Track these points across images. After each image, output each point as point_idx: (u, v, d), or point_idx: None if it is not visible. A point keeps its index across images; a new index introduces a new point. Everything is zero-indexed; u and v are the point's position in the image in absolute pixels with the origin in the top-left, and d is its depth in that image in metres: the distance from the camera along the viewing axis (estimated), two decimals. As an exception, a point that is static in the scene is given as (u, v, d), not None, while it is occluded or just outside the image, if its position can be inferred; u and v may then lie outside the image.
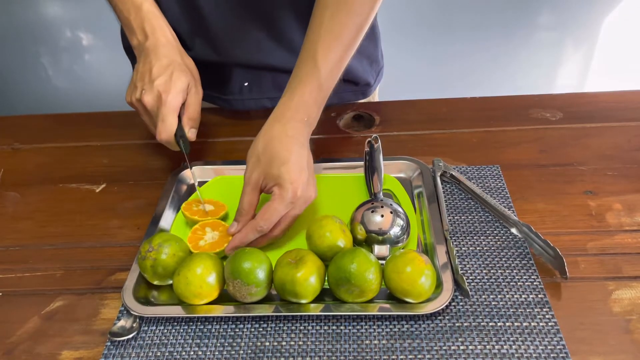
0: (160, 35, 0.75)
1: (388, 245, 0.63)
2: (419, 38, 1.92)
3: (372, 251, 0.62)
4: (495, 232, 0.67)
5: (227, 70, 0.89)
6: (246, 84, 0.91)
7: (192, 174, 0.76)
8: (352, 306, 0.58)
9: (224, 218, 0.71)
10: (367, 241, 0.63)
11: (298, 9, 0.83)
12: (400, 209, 0.66)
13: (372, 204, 0.66)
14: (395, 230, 0.63)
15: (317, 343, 0.56)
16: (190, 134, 0.74)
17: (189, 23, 0.84)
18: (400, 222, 0.64)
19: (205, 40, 0.85)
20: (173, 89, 0.71)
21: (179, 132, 0.72)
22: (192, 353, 0.56)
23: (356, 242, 0.65)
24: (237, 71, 0.89)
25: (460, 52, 1.95)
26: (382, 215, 0.64)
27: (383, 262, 0.60)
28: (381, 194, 0.70)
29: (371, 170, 0.73)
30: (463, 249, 0.65)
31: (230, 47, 0.85)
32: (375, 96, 1.03)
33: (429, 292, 0.57)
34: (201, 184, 0.78)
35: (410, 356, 0.54)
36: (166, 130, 0.71)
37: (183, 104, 0.73)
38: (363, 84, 0.95)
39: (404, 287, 0.56)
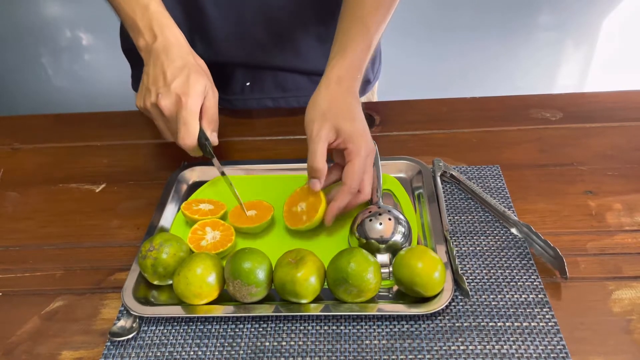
0: (169, 35, 0.71)
1: (389, 254, 0.62)
2: (418, 38, 1.92)
3: None
4: (495, 232, 0.67)
5: (228, 70, 0.90)
6: (248, 83, 0.91)
7: (226, 179, 0.72)
8: (352, 306, 0.58)
9: (223, 217, 0.71)
10: (369, 249, 0.62)
11: (300, 9, 0.83)
12: (401, 216, 0.65)
13: (371, 212, 0.65)
14: (397, 238, 0.63)
15: (317, 343, 0.56)
16: (212, 137, 0.72)
17: (190, 23, 0.84)
18: (401, 229, 0.63)
19: (206, 40, 0.85)
20: (192, 91, 0.68)
21: (203, 136, 0.69)
22: (192, 353, 0.56)
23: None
24: (238, 71, 0.90)
25: (460, 51, 1.95)
26: (381, 223, 0.63)
27: (385, 269, 0.60)
28: (381, 200, 0.69)
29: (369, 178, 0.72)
30: (463, 249, 0.65)
31: (232, 47, 0.85)
32: (374, 94, 1.04)
33: (441, 284, 0.58)
34: (201, 183, 0.77)
35: (410, 356, 0.54)
36: (190, 134, 0.68)
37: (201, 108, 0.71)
38: (364, 81, 0.96)
39: (418, 280, 0.56)
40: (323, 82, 0.70)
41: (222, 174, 0.72)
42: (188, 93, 0.67)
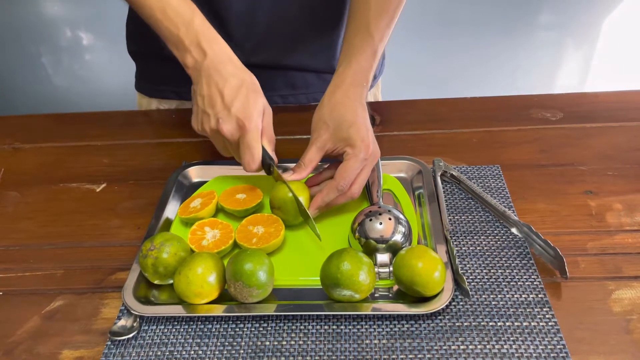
0: (219, 51, 0.68)
1: (390, 254, 0.62)
2: (418, 37, 1.92)
3: (374, 260, 0.61)
4: (495, 232, 0.67)
5: None
6: None
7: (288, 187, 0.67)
8: (353, 306, 0.58)
9: (216, 210, 0.71)
10: (369, 249, 0.63)
11: (314, 10, 0.83)
12: (401, 216, 0.65)
13: (371, 211, 0.65)
14: (397, 238, 0.63)
15: (317, 343, 0.56)
16: (272, 155, 0.69)
17: None
18: (401, 229, 0.63)
19: None
20: (254, 114, 0.66)
21: (266, 156, 0.68)
22: (192, 352, 0.56)
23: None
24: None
25: (460, 52, 1.95)
26: (381, 223, 0.63)
27: (385, 269, 0.60)
28: (381, 200, 0.69)
29: (370, 178, 0.72)
30: (463, 249, 0.65)
31: (244, 50, 0.85)
32: (379, 89, 1.04)
33: (441, 284, 0.58)
34: (201, 183, 0.78)
35: (410, 356, 0.54)
36: (255, 159, 0.66)
37: None
38: None
39: (418, 280, 0.56)
40: (329, 90, 0.71)
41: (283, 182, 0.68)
42: (250, 117, 0.65)
